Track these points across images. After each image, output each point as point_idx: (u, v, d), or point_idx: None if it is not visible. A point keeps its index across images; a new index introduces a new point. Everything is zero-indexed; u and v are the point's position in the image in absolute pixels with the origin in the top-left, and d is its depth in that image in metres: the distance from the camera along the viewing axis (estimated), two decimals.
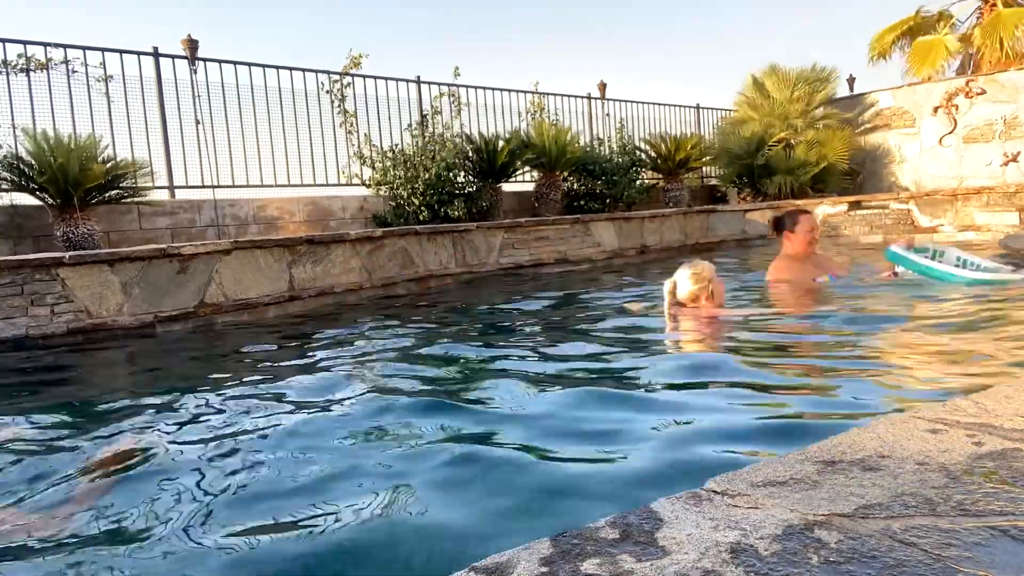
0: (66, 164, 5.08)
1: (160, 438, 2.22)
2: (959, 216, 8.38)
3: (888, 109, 11.60)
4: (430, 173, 7.30)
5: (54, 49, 5.95)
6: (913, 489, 0.98)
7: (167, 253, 4.62)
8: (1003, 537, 0.84)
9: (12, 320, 4.04)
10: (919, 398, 2.23)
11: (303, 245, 5.42)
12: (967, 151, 10.69)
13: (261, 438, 2.16)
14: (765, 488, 1.01)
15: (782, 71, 11.38)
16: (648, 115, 11.49)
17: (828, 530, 0.87)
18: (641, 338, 3.46)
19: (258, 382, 2.98)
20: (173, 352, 4.08)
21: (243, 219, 6.76)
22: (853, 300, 4.04)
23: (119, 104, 6.34)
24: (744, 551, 0.82)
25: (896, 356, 2.85)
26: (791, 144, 10.82)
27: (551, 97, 9.99)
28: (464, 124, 8.67)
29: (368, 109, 8.02)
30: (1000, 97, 10.36)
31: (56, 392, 3.17)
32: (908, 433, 1.22)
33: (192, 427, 2.37)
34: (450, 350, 3.47)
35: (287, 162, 7.43)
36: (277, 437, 2.16)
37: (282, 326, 4.74)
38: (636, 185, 9.44)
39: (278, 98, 7.33)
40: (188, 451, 2.07)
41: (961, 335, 3.07)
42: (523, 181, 9.18)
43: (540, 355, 3.24)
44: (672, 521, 0.91)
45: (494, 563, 0.82)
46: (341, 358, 3.42)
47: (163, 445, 2.14)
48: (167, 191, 6.63)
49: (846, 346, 3.04)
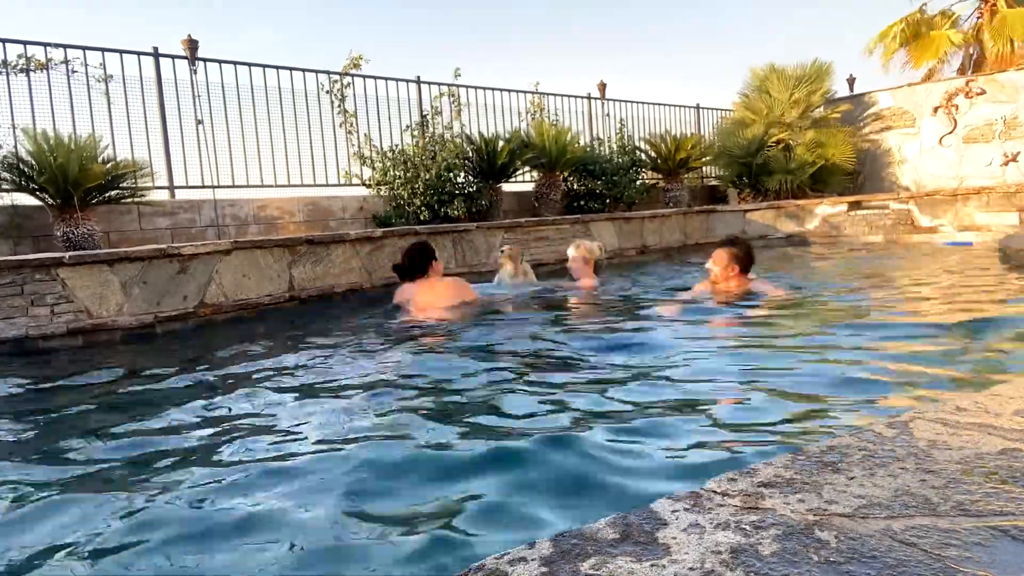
0: (66, 164, 5.07)
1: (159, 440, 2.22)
2: (959, 216, 8.38)
3: (888, 109, 11.59)
4: (430, 173, 7.30)
5: (54, 49, 5.95)
6: (913, 489, 0.98)
7: (167, 253, 4.62)
8: (1003, 537, 0.84)
9: (12, 320, 4.04)
10: (919, 398, 2.23)
11: (303, 245, 5.42)
12: (967, 151, 10.68)
13: (260, 438, 2.16)
14: (765, 488, 1.01)
15: (781, 70, 11.37)
16: (648, 115, 11.49)
17: (828, 530, 0.87)
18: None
19: (258, 382, 2.98)
20: (173, 352, 4.08)
21: (243, 219, 6.75)
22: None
23: (119, 104, 6.33)
24: (744, 551, 0.82)
25: (896, 356, 2.85)
26: (790, 145, 10.82)
27: (551, 97, 9.99)
28: (464, 124, 8.67)
29: (368, 109, 8.02)
30: (1000, 97, 10.36)
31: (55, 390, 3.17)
32: (908, 433, 1.22)
33: (192, 426, 2.38)
34: (449, 349, 3.48)
35: (287, 162, 7.43)
36: (276, 436, 2.16)
37: (282, 326, 4.74)
38: (636, 185, 9.44)
39: (278, 98, 7.33)
40: (188, 450, 2.07)
41: (961, 335, 3.07)
42: (523, 181, 9.17)
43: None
44: (672, 521, 0.91)
45: (494, 563, 0.82)
46: (341, 358, 3.42)
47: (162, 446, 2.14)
48: (167, 191, 6.63)
49: (846, 347, 3.04)
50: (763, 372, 2.66)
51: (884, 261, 6.96)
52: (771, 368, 2.72)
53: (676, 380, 2.61)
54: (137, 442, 2.25)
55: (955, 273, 5.56)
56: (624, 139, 10.22)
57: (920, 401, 2.16)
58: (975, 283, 4.92)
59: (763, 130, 10.74)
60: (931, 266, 6.17)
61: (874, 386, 2.38)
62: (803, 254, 8.21)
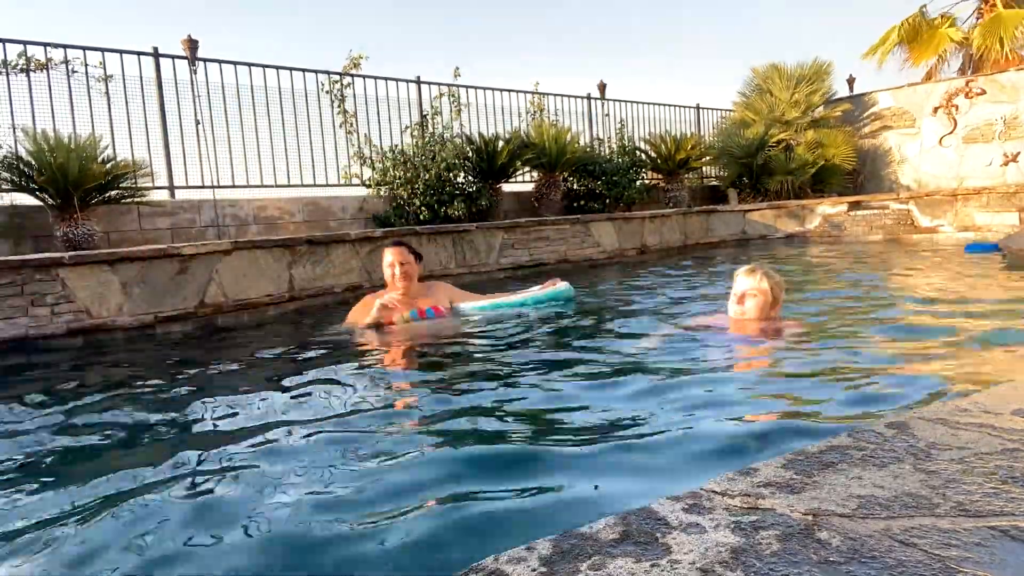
0: (66, 164, 5.07)
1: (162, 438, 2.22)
2: (959, 216, 8.38)
3: (888, 109, 11.60)
4: (430, 173, 7.31)
5: (54, 49, 5.95)
6: (913, 489, 0.98)
7: (167, 253, 4.62)
8: (1003, 537, 0.84)
9: (12, 320, 4.04)
10: (919, 399, 2.23)
11: (303, 245, 5.42)
12: (967, 151, 10.68)
13: (259, 437, 2.16)
14: (765, 488, 1.01)
15: (782, 69, 11.38)
16: (648, 115, 11.49)
17: (828, 530, 0.87)
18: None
19: (256, 381, 2.98)
20: (172, 352, 4.08)
21: (243, 219, 6.75)
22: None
23: (119, 104, 6.34)
24: (744, 551, 0.82)
25: (894, 357, 2.85)
26: (791, 145, 10.83)
27: (551, 97, 9.99)
28: (464, 124, 8.67)
29: (368, 109, 8.02)
30: (1000, 97, 10.37)
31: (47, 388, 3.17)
32: (908, 433, 1.22)
33: (191, 427, 2.38)
34: (448, 348, 3.48)
35: (287, 162, 7.43)
36: (274, 436, 2.16)
37: (282, 325, 4.74)
38: (636, 185, 9.44)
39: (278, 98, 7.33)
40: (189, 449, 2.07)
41: (960, 335, 3.07)
42: (523, 181, 9.17)
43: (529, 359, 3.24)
44: (672, 521, 0.91)
45: (494, 563, 0.82)
46: (340, 357, 3.41)
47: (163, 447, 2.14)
48: (167, 191, 6.63)
49: (845, 348, 3.04)
50: (763, 372, 2.66)
51: (891, 261, 6.95)
52: (771, 368, 2.72)
53: (676, 380, 2.61)
54: (134, 441, 2.25)
55: (955, 272, 5.55)
56: (624, 139, 10.22)
57: (920, 401, 2.16)
58: (975, 281, 4.92)
59: (763, 130, 10.75)
60: (938, 268, 6.15)
61: (874, 386, 2.38)
62: (804, 254, 8.21)
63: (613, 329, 3.80)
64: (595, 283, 6.15)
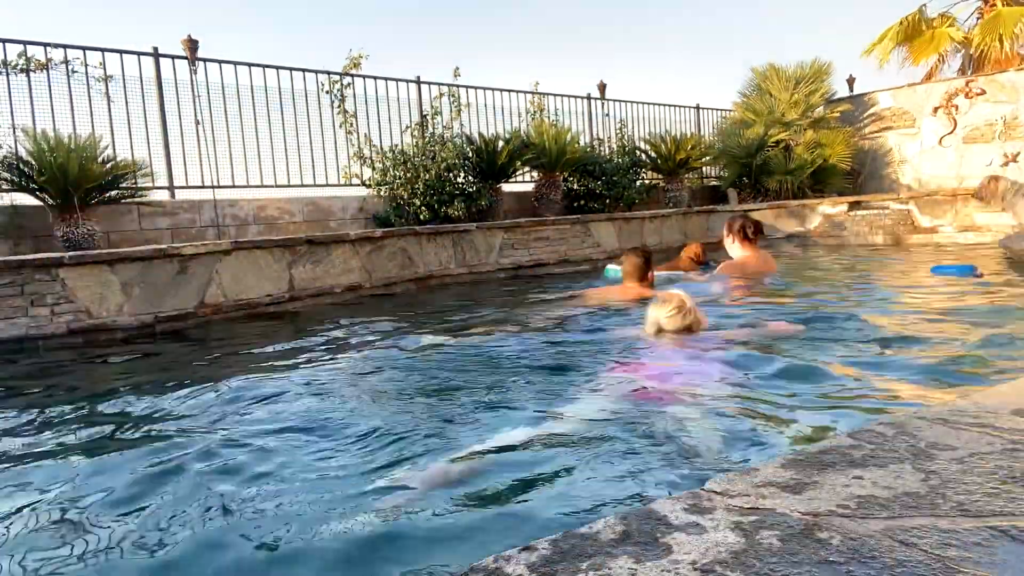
0: (66, 164, 5.07)
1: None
2: (959, 216, 8.38)
3: (888, 109, 11.59)
4: (430, 173, 7.30)
5: (54, 49, 5.94)
6: (913, 489, 0.98)
7: (167, 253, 4.62)
8: (1003, 537, 0.84)
9: (12, 320, 4.04)
10: (919, 399, 2.23)
11: (303, 245, 5.42)
12: (967, 151, 10.68)
13: (259, 436, 2.16)
14: (765, 488, 1.01)
15: (781, 70, 11.38)
16: (648, 115, 11.48)
17: (828, 530, 0.87)
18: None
19: (257, 381, 2.98)
20: (171, 352, 4.08)
21: (243, 219, 6.75)
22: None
23: (119, 104, 6.33)
24: (744, 551, 0.82)
25: (895, 356, 2.84)
26: (791, 145, 10.83)
27: (551, 97, 9.98)
28: (464, 124, 8.66)
29: (368, 109, 8.02)
30: (1000, 97, 10.36)
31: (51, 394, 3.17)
32: (908, 433, 1.22)
33: (192, 426, 2.37)
34: (447, 348, 3.47)
35: (287, 162, 7.42)
36: (274, 436, 2.16)
37: (282, 325, 4.74)
38: (636, 185, 9.43)
39: (278, 98, 7.32)
40: (192, 448, 2.07)
41: (958, 336, 3.07)
42: (523, 181, 9.17)
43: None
44: (672, 521, 0.91)
45: (494, 563, 0.82)
46: (340, 357, 3.41)
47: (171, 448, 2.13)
48: (167, 191, 6.62)
49: (844, 348, 3.04)
50: (763, 372, 2.65)
51: (884, 262, 6.95)
52: (770, 368, 2.72)
53: (674, 379, 2.61)
54: (132, 439, 2.25)
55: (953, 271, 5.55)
56: (624, 139, 10.21)
57: (920, 401, 2.16)
58: (974, 285, 4.92)
59: (763, 130, 10.74)
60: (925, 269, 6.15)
61: (873, 386, 2.38)
62: (804, 254, 8.21)
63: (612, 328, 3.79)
64: (595, 283, 6.14)
